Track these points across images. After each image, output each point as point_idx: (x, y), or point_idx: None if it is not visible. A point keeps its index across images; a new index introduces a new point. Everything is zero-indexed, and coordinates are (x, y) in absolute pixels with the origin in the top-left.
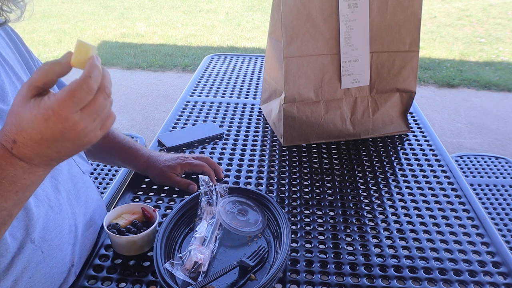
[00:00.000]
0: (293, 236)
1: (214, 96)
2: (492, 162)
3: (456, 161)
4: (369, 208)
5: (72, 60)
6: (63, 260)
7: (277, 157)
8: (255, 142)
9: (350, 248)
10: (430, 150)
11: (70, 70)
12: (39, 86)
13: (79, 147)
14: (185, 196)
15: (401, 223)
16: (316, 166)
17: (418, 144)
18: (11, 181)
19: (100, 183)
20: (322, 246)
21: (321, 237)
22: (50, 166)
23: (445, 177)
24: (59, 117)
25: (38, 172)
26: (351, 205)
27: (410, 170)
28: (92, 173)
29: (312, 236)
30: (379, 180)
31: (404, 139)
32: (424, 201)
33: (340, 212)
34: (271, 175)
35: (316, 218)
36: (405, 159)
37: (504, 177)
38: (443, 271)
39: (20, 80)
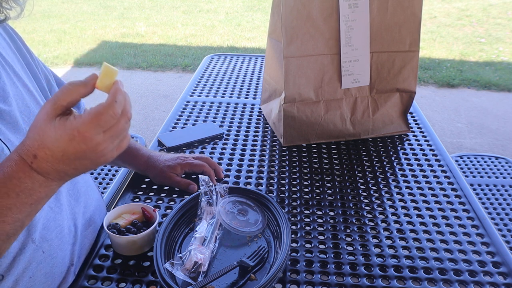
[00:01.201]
0: (293, 236)
1: (214, 96)
2: (492, 162)
3: (456, 161)
4: (369, 208)
5: (97, 83)
6: (63, 259)
7: (277, 157)
8: (255, 142)
9: (350, 248)
10: (430, 150)
11: (93, 91)
12: (64, 105)
13: (96, 165)
14: (185, 196)
15: (401, 223)
16: (316, 166)
17: (418, 144)
18: (28, 194)
19: (100, 183)
20: (322, 246)
21: (321, 237)
22: (64, 180)
23: (445, 177)
24: (83, 138)
25: (53, 185)
26: (351, 205)
27: (410, 170)
28: (92, 173)
29: (312, 236)
30: (379, 180)
31: (404, 139)
32: (424, 201)
33: (340, 212)
34: (271, 175)
35: (316, 218)
36: (405, 159)
37: (504, 177)
38: (443, 271)
39: (20, 80)
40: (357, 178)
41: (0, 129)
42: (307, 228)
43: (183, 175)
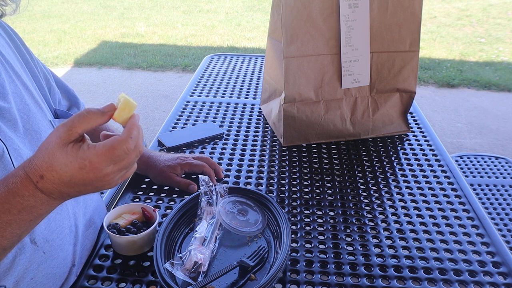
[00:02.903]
0: (293, 236)
1: (214, 96)
2: (492, 162)
3: (456, 161)
4: (369, 208)
5: (115, 115)
6: (64, 260)
7: (277, 157)
8: (255, 142)
9: (350, 248)
10: (430, 150)
11: (109, 121)
12: (78, 132)
13: (98, 191)
14: (185, 196)
15: (401, 223)
16: (316, 166)
17: (418, 144)
18: (29, 211)
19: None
20: (322, 246)
21: (321, 237)
22: (65, 199)
23: (445, 177)
24: (94, 168)
25: (54, 204)
26: (351, 205)
27: (410, 170)
28: None
29: (312, 236)
30: (379, 180)
31: (404, 139)
32: (424, 201)
33: (340, 212)
34: (271, 175)
35: (316, 218)
36: (405, 159)
37: (504, 177)
38: (443, 271)
39: (19, 79)
40: (357, 178)
41: None
42: (307, 228)
43: (183, 175)
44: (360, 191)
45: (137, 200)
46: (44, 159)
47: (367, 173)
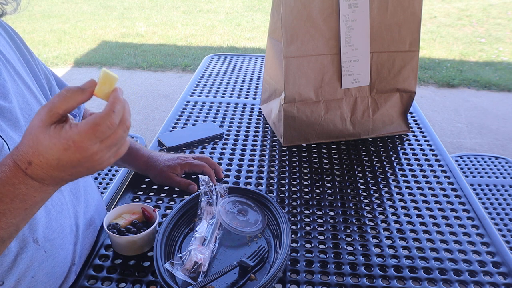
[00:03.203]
0: (293, 236)
1: (214, 96)
2: (492, 162)
3: (456, 161)
4: (369, 208)
5: (95, 90)
6: (65, 259)
7: (277, 157)
8: (255, 142)
9: (350, 248)
10: (430, 150)
11: (91, 98)
12: (60, 113)
13: (92, 172)
14: (185, 196)
15: (401, 223)
16: (316, 166)
17: (418, 144)
18: (22, 199)
19: (100, 183)
20: (322, 246)
21: (321, 237)
22: (60, 185)
23: (445, 177)
24: (79, 148)
25: (48, 190)
26: (351, 205)
27: (410, 170)
28: None
29: (312, 236)
30: (379, 180)
31: (404, 139)
32: (424, 201)
33: (340, 212)
34: (271, 175)
35: (316, 218)
36: (405, 159)
37: (504, 177)
38: (443, 271)
39: (21, 78)
40: (357, 178)
41: (0, 125)
42: (307, 228)
43: (183, 175)
44: (360, 191)
45: (137, 200)
46: (29, 144)
47: (367, 173)
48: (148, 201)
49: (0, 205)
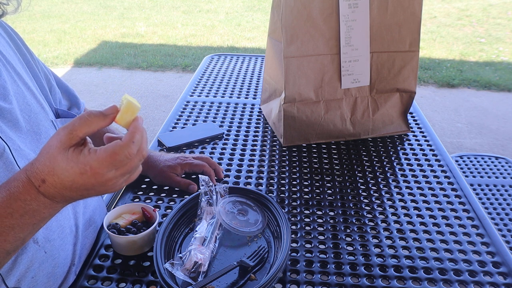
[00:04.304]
0: (293, 236)
1: (214, 96)
2: (492, 162)
3: (456, 161)
4: (369, 208)
5: (117, 117)
6: (65, 260)
7: (277, 157)
8: (255, 142)
9: (350, 248)
10: (430, 150)
11: (111, 123)
12: (79, 136)
13: (102, 194)
14: (185, 196)
15: (401, 223)
16: (316, 166)
17: (418, 144)
18: (32, 215)
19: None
20: (322, 246)
21: (321, 237)
22: (68, 202)
23: (445, 177)
24: (95, 174)
25: (57, 207)
26: (351, 205)
27: (410, 170)
28: None
29: (312, 236)
30: (379, 180)
31: (404, 139)
32: (424, 201)
33: (340, 212)
34: (271, 175)
35: (316, 218)
36: (405, 159)
37: (504, 177)
38: (443, 271)
39: (21, 78)
40: (357, 178)
41: (0, 126)
42: (307, 228)
43: (183, 175)
44: (360, 191)
45: (137, 200)
46: (46, 163)
47: (367, 173)
48: (148, 201)
49: (10, 219)
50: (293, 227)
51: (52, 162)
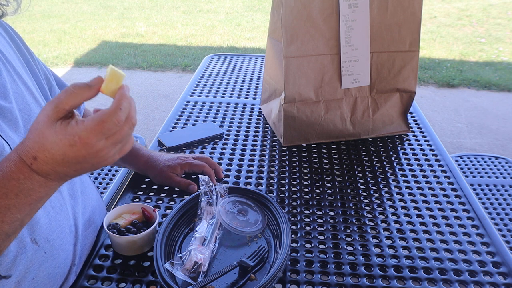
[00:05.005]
0: (293, 236)
1: (214, 96)
2: (492, 162)
3: (456, 161)
4: (369, 208)
5: (102, 87)
6: (65, 260)
7: (277, 157)
8: (255, 142)
9: (350, 248)
10: (430, 150)
11: (97, 95)
12: (66, 109)
13: (96, 168)
14: (185, 196)
15: (401, 223)
16: (316, 166)
17: (418, 144)
18: (27, 194)
19: (100, 183)
20: (322, 246)
21: (321, 237)
22: (64, 180)
23: (445, 177)
24: (85, 144)
25: (53, 185)
26: (351, 205)
27: (410, 170)
28: (92, 173)
29: (312, 236)
30: (379, 180)
31: (404, 139)
32: (424, 201)
33: (340, 212)
34: (271, 175)
35: (316, 218)
36: (405, 159)
37: (504, 177)
38: (443, 271)
39: (21, 78)
40: (357, 178)
41: (0, 125)
42: (307, 228)
43: (183, 175)
44: (360, 191)
45: (137, 200)
46: (35, 140)
47: (367, 173)
48: (148, 201)
49: (5, 200)
50: (293, 227)
51: (41, 137)
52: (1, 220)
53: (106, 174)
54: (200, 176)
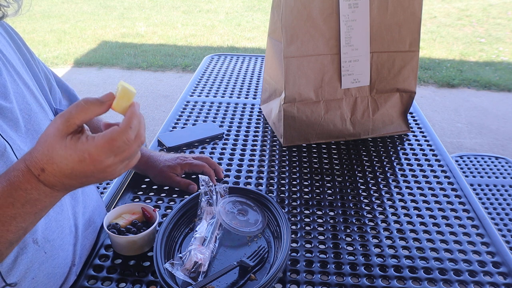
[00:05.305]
0: (293, 236)
1: (214, 96)
2: (492, 162)
3: (456, 161)
4: (369, 208)
5: (113, 104)
6: (65, 260)
7: (277, 157)
8: (255, 142)
9: (350, 248)
10: (430, 150)
11: (107, 111)
12: (77, 123)
13: (101, 181)
14: (185, 196)
15: (401, 223)
16: (316, 166)
17: (418, 144)
18: (33, 204)
19: (100, 183)
20: (322, 246)
21: (321, 237)
22: (69, 190)
23: (445, 177)
24: (93, 161)
25: (58, 195)
26: (351, 205)
27: (410, 170)
28: None
29: (312, 236)
30: (379, 180)
31: (404, 139)
32: (424, 201)
33: (340, 212)
34: (271, 175)
35: (316, 218)
36: (405, 159)
37: (504, 177)
38: (443, 271)
39: (21, 78)
40: (357, 178)
41: (1, 126)
42: (307, 228)
43: (183, 175)
44: (360, 191)
45: (137, 200)
46: (44, 152)
47: (367, 173)
48: (148, 201)
49: (11, 209)
50: (293, 227)
51: (51, 150)
52: (6, 229)
53: None
54: (200, 176)
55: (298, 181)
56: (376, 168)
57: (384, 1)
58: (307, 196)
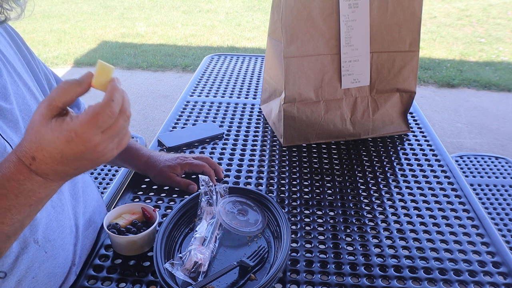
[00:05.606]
0: (293, 236)
1: (214, 96)
2: (492, 162)
3: (456, 161)
4: (369, 208)
5: (93, 81)
6: (65, 260)
7: (277, 157)
8: (255, 142)
9: (350, 248)
10: (430, 150)
11: (89, 90)
12: (59, 106)
13: (96, 165)
14: (185, 196)
15: (401, 223)
16: (316, 166)
17: (418, 144)
18: (27, 195)
19: (100, 183)
20: (322, 246)
21: (321, 237)
22: (64, 180)
23: (445, 177)
24: (81, 139)
25: (53, 186)
26: (351, 205)
27: (410, 170)
28: (92, 173)
29: (312, 236)
30: (379, 180)
31: (404, 139)
32: (424, 201)
33: (340, 212)
34: (271, 175)
35: (316, 218)
36: (405, 159)
37: (504, 177)
38: (443, 271)
39: (21, 79)
40: (357, 178)
41: (1, 127)
42: (307, 228)
43: (183, 175)
44: (360, 191)
45: (137, 200)
46: (32, 140)
47: (367, 173)
48: (148, 201)
49: (5, 201)
50: (293, 227)
51: (38, 137)
52: (1, 221)
53: (106, 174)
54: (200, 176)
55: (298, 181)
56: (376, 168)
57: (384, 1)
58: (307, 196)
